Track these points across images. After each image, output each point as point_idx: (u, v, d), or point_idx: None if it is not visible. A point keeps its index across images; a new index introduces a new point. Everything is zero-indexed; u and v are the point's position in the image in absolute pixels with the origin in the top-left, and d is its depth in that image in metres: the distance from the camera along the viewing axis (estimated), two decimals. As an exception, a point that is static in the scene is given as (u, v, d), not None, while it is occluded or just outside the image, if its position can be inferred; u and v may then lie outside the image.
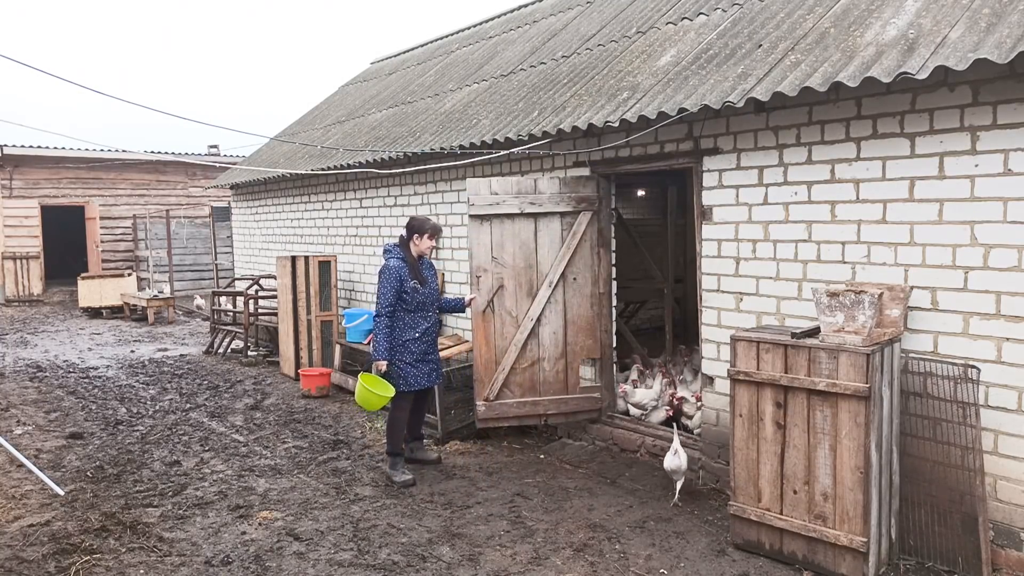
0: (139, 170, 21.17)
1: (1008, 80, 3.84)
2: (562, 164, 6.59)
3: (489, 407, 6.20)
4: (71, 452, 6.45)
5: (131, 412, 7.79)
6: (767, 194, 4.99)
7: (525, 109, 6.97)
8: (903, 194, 4.30)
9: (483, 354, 6.21)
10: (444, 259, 8.00)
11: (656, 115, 5.10)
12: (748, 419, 4.32)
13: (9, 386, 9.14)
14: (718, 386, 5.36)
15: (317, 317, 9.25)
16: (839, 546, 3.98)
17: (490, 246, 6.20)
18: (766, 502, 4.28)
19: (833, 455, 3.99)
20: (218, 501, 5.27)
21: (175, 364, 10.52)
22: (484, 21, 12.38)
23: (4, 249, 18.72)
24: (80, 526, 4.80)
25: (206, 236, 19.70)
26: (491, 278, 6.20)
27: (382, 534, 4.70)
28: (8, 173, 19.44)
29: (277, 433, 6.97)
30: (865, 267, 4.51)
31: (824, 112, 4.63)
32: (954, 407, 4.13)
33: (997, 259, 3.96)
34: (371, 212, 9.48)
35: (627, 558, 4.34)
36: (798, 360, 4.08)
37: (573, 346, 6.28)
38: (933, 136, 4.15)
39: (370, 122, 10.61)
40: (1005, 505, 4.02)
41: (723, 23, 6.01)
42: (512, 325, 6.22)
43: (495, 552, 4.43)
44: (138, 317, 15.49)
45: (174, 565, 4.30)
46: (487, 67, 9.51)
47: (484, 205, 6.15)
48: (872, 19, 4.64)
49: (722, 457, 5.30)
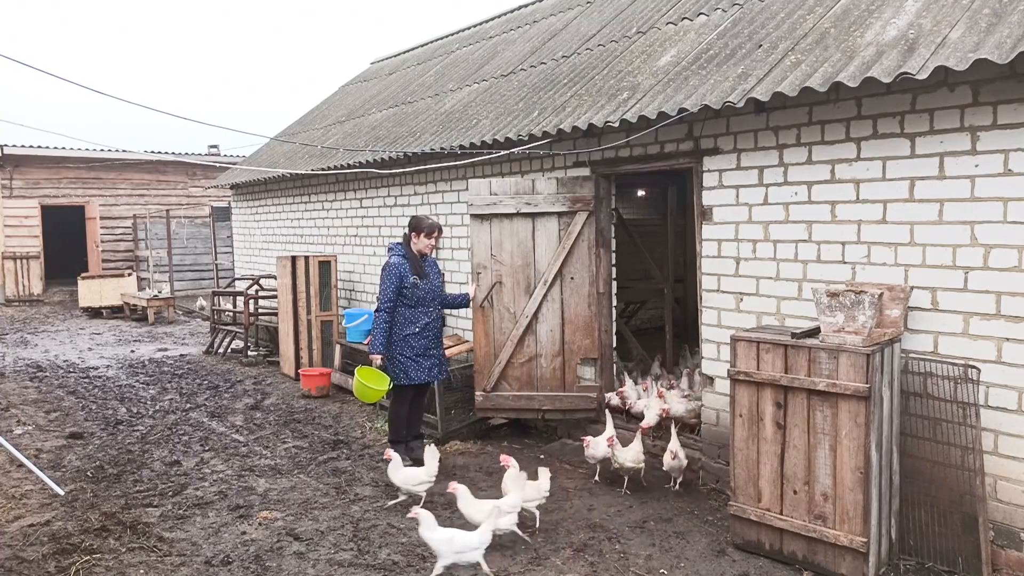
0: (139, 170, 21.17)
1: (1008, 80, 3.83)
2: (562, 164, 6.59)
3: (486, 398, 6.42)
4: (71, 452, 6.45)
5: (131, 412, 7.79)
6: (767, 194, 4.99)
7: (525, 109, 6.97)
8: (903, 194, 4.30)
9: (482, 347, 6.41)
10: (444, 259, 8.00)
11: (656, 115, 5.10)
12: (748, 419, 4.32)
13: (9, 386, 9.14)
14: (718, 386, 5.36)
15: (317, 317, 9.25)
16: (839, 546, 3.98)
17: (489, 245, 6.33)
18: (766, 502, 4.28)
19: (833, 455, 3.99)
20: (218, 501, 5.27)
21: (175, 364, 10.52)
22: (484, 21, 12.38)
23: (4, 249, 18.73)
24: (80, 526, 4.80)
25: (206, 236, 19.70)
26: (490, 275, 6.33)
27: (382, 534, 4.70)
28: (8, 173, 19.44)
29: (277, 433, 6.97)
30: (865, 267, 4.51)
31: (824, 112, 4.63)
32: (954, 407, 4.13)
33: (997, 259, 3.96)
34: (371, 212, 9.48)
35: (627, 558, 4.34)
36: (798, 360, 4.08)
37: (570, 344, 6.30)
38: (933, 136, 4.15)
39: (370, 122, 10.61)
40: (1005, 505, 4.02)
41: (723, 23, 6.01)
42: (510, 321, 6.34)
43: (495, 552, 4.43)
44: (138, 317, 15.49)
45: (174, 565, 4.30)
46: (487, 67, 9.51)
47: (483, 205, 6.28)
48: (872, 19, 4.64)
49: (722, 457, 5.29)
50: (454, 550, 3.99)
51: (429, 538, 4.02)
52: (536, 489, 4.74)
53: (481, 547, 4.05)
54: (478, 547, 4.04)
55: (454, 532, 4.07)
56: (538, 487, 4.76)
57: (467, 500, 4.41)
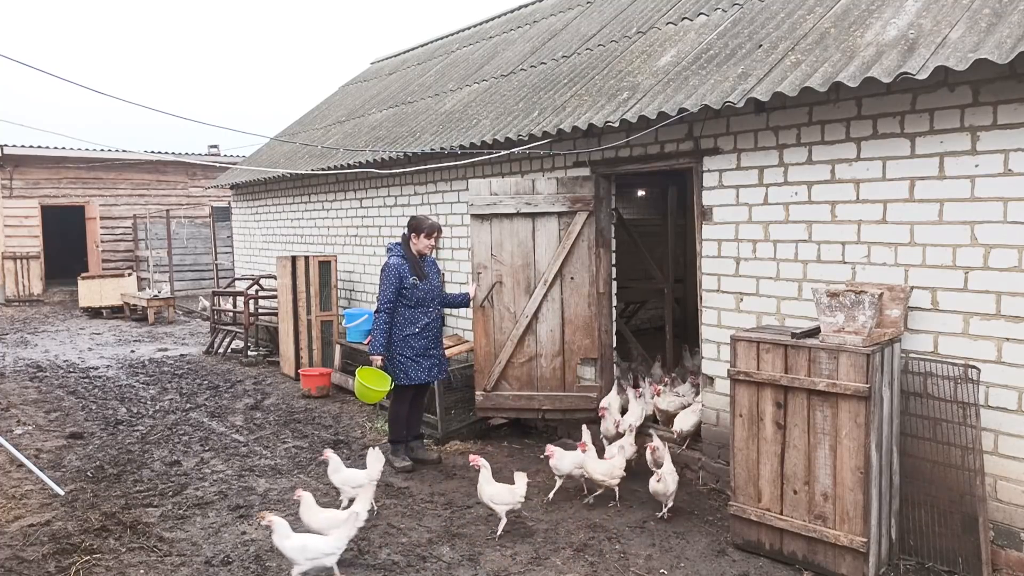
0: (139, 170, 21.17)
1: (1008, 80, 3.83)
2: (562, 164, 6.59)
3: (487, 397, 6.43)
4: (71, 452, 6.45)
5: (131, 412, 7.79)
6: (767, 194, 4.99)
7: (525, 109, 6.97)
8: (903, 194, 4.30)
9: (483, 347, 6.42)
10: (444, 259, 8.00)
11: (656, 115, 5.10)
12: (748, 419, 4.32)
13: (9, 386, 9.14)
14: (718, 386, 5.36)
15: (317, 317, 9.25)
16: (839, 546, 3.98)
17: (489, 244, 6.34)
18: (766, 502, 4.28)
19: (833, 455, 3.99)
20: (218, 501, 5.27)
21: (175, 364, 10.52)
22: (484, 21, 12.38)
23: (4, 249, 18.72)
24: (80, 526, 4.80)
25: (206, 236, 19.70)
26: (490, 275, 6.34)
27: (382, 534, 4.70)
28: (8, 173, 19.44)
29: (277, 433, 6.97)
30: (865, 267, 4.51)
31: (824, 112, 4.63)
32: (954, 407, 4.13)
33: (997, 259, 3.96)
34: (371, 212, 9.48)
35: (627, 558, 4.34)
36: (798, 360, 4.08)
37: (570, 344, 6.30)
38: (933, 136, 4.15)
39: (370, 122, 10.61)
40: (1005, 505, 4.02)
41: (723, 23, 6.01)
42: (510, 321, 6.35)
43: (495, 552, 4.43)
44: (138, 317, 15.49)
45: (174, 565, 4.30)
46: (487, 67, 9.51)
47: (483, 205, 6.29)
48: (872, 19, 4.64)
49: (722, 457, 5.29)
50: (307, 557, 3.91)
51: (282, 546, 3.91)
52: (511, 493, 4.65)
53: (335, 553, 3.99)
54: (331, 553, 3.97)
55: (307, 538, 4.01)
56: (513, 491, 4.66)
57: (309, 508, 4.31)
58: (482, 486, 4.68)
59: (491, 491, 4.64)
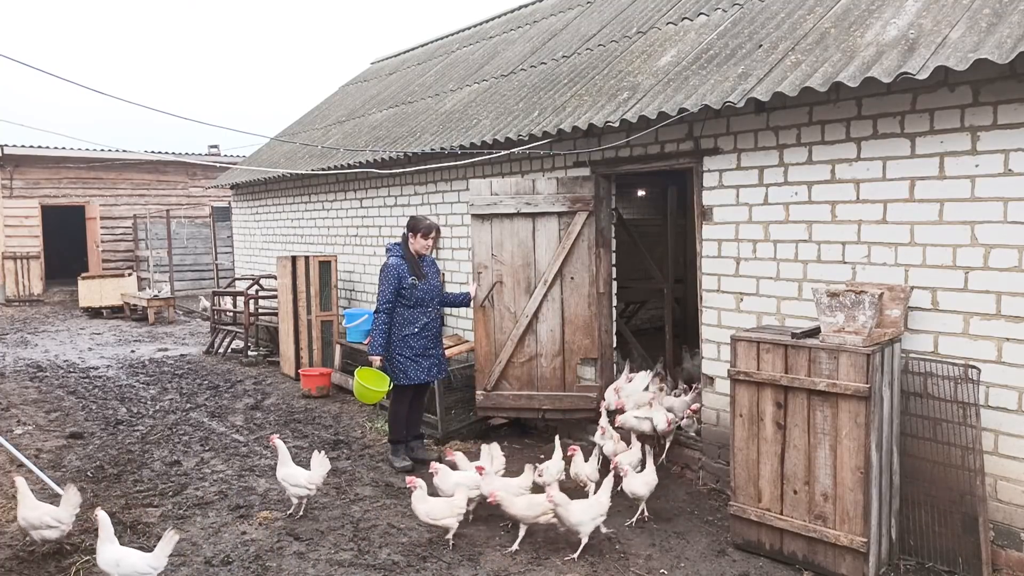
0: (139, 170, 21.17)
1: (1008, 80, 3.83)
2: (562, 164, 6.59)
3: (487, 397, 6.44)
4: (71, 452, 6.45)
5: (131, 412, 7.79)
6: (767, 194, 4.99)
7: (525, 109, 6.97)
8: (903, 194, 4.29)
9: (483, 346, 6.43)
10: (444, 259, 8.00)
11: (656, 115, 5.10)
12: (748, 419, 4.32)
13: (9, 386, 9.14)
14: (718, 386, 5.36)
15: (317, 317, 9.26)
16: (839, 546, 3.98)
17: (490, 244, 6.34)
18: (766, 502, 4.28)
19: (833, 455, 3.99)
20: (218, 501, 5.27)
21: (175, 364, 10.52)
22: (484, 21, 12.38)
23: (4, 249, 18.73)
24: (80, 526, 4.79)
25: (206, 236, 19.71)
26: (491, 275, 6.35)
27: (382, 534, 4.70)
28: (8, 173, 19.44)
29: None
30: (865, 267, 4.51)
31: (824, 112, 4.63)
32: (954, 407, 4.13)
33: (997, 259, 3.96)
34: (371, 212, 9.48)
35: (627, 558, 4.34)
36: (798, 360, 4.08)
37: (571, 344, 6.31)
38: (933, 136, 4.15)
39: (370, 122, 10.61)
40: (1005, 505, 4.02)
41: (723, 23, 6.01)
42: (510, 320, 6.35)
43: (495, 552, 4.43)
44: (138, 317, 15.49)
45: (174, 565, 4.29)
46: (487, 67, 9.51)
47: (484, 205, 6.29)
48: (872, 19, 4.64)
49: (722, 457, 5.29)
50: (121, 573, 3.71)
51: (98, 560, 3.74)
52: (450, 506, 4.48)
53: (153, 571, 3.77)
54: (148, 571, 3.76)
55: (123, 553, 3.79)
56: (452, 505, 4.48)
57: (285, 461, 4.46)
58: (415, 504, 4.46)
59: (425, 508, 4.42)
